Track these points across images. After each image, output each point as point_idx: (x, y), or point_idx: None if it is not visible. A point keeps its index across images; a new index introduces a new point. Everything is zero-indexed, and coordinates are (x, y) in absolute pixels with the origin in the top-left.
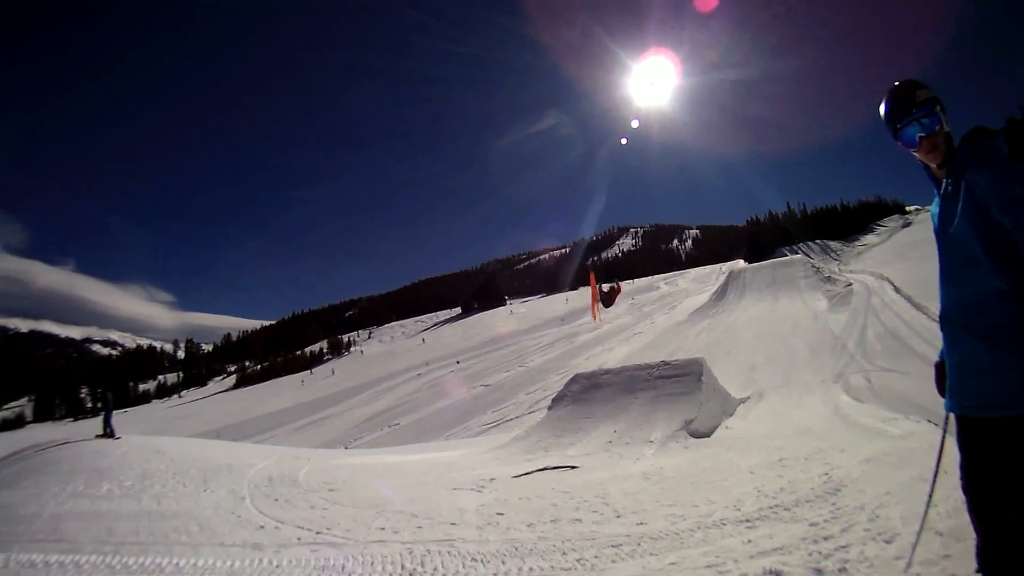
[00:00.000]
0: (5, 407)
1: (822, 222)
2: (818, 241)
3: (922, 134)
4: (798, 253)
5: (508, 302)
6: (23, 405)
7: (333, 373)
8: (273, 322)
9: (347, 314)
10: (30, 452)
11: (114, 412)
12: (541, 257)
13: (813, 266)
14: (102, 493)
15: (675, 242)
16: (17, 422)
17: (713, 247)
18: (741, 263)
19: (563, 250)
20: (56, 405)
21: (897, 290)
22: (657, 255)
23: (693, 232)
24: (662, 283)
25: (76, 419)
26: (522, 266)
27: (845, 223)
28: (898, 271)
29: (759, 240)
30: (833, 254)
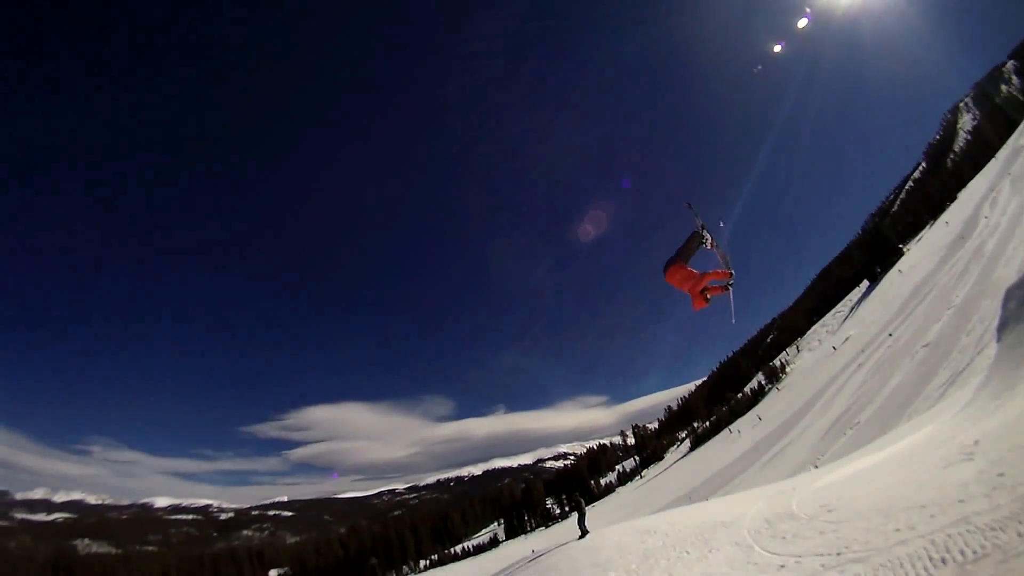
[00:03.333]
0: (478, 535)
1: None
2: None
3: None
4: None
5: (904, 248)
6: (494, 529)
7: (758, 421)
8: (705, 378)
9: (768, 338)
10: (522, 563)
11: (585, 508)
12: (908, 184)
13: None
14: None
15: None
16: (492, 544)
17: None
18: None
19: (920, 167)
20: (525, 520)
21: None
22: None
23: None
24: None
25: (547, 527)
26: (896, 207)
27: None
28: None
29: None
30: None
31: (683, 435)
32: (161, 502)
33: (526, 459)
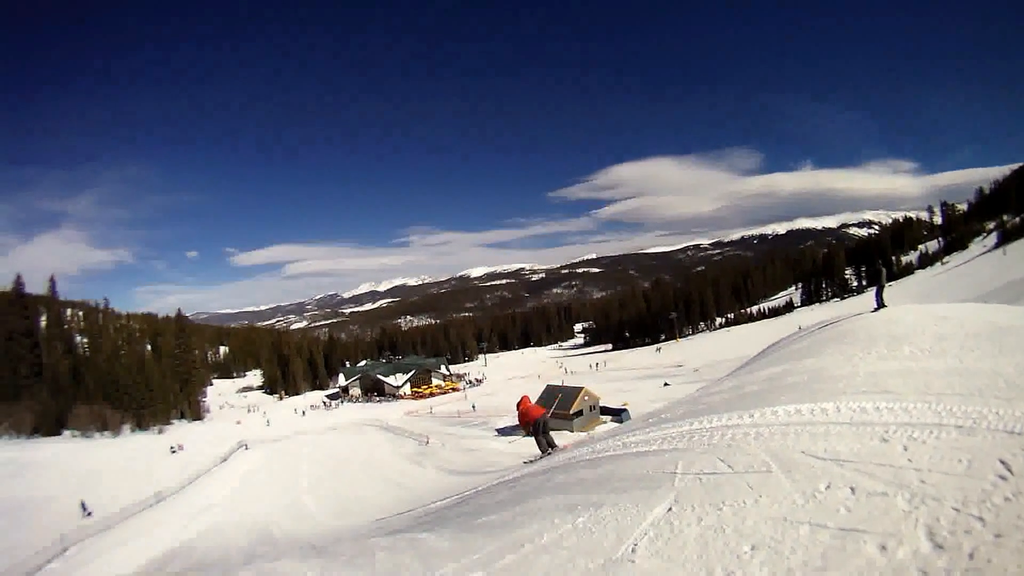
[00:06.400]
0: (774, 297)
1: None
2: None
3: None
4: None
5: None
6: (791, 293)
7: None
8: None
9: None
10: (813, 329)
11: (885, 288)
12: None
13: None
14: (906, 355)
15: None
16: (786, 308)
17: None
18: None
19: None
20: (822, 288)
21: None
22: None
23: None
24: None
25: (842, 299)
26: None
27: None
28: None
29: None
30: None
31: (991, 226)
32: (477, 272)
33: (830, 222)
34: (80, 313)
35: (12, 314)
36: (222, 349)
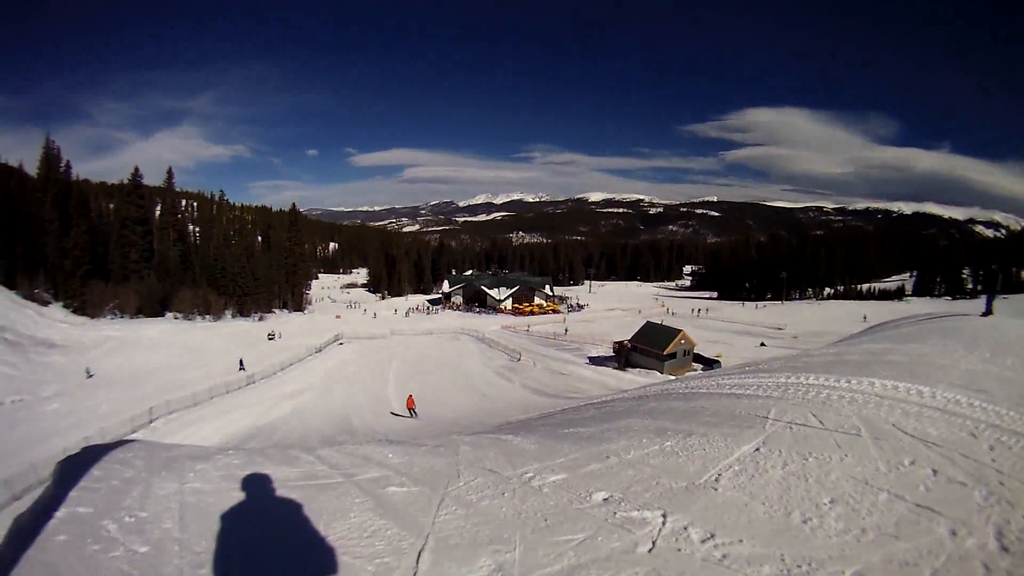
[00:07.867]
0: (887, 279)
1: None
2: None
3: None
4: None
5: None
6: (904, 279)
7: None
8: None
9: None
10: (921, 318)
11: (996, 296)
12: None
13: None
14: (1007, 364)
15: None
16: (897, 294)
17: None
18: None
19: None
20: (936, 282)
21: None
22: None
23: None
24: None
25: (954, 298)
26: None
27: None
28: None
29: None
30: None
31: None
32: (595, 197)
33: (958, 213)
34: (195, 204)
35: (128, 203)
36: (332, 245)
